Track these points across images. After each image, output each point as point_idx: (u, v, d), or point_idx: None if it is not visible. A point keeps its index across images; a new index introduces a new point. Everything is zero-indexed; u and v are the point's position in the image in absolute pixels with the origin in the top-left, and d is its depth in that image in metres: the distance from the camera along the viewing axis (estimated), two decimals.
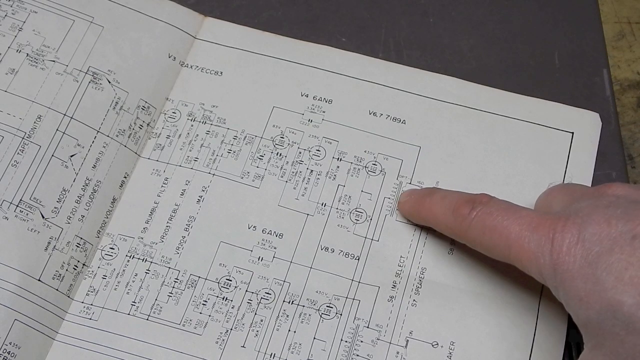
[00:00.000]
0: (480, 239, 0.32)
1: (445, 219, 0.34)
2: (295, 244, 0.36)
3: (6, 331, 0.33)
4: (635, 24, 0.45)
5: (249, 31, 0.41)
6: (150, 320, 0.35)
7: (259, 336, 0.35)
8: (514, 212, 0.31)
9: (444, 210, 0.34)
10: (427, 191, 0.36)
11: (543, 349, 0.34)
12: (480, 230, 0.32)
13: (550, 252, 0.29)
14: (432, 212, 0.35)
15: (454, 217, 0.33)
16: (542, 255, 0.29)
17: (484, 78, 0.40)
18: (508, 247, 0.30)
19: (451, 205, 0.33)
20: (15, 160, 0.36)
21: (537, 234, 0.29)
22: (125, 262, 0.36)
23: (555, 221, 0.29)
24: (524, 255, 0.30)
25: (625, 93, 0.43)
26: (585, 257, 0.28)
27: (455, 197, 0.34)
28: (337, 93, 0.40)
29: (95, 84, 0.38)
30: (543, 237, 0.29)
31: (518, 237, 0.30)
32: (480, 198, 0.32)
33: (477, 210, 0.32)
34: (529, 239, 0.30)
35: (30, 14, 0.39)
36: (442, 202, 0.34)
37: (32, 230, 0.35)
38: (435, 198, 0.35)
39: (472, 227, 0.32)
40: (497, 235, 0.31)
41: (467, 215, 0.32)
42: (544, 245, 0.29)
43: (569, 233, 0.28)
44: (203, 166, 0.38)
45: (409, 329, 0.35)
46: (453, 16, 0.43)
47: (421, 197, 0.36)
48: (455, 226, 0.33)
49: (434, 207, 0.35)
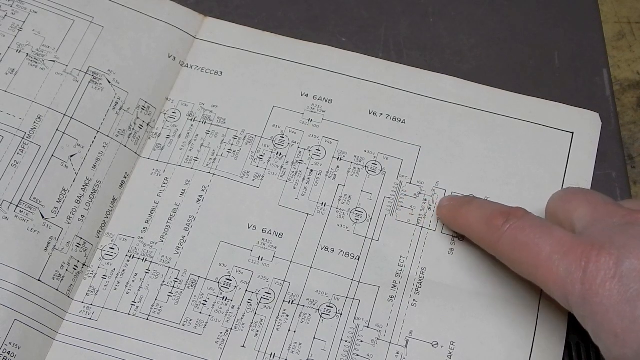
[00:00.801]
0: (510, 253, 0.32)
1: (479, 228, 0.33)
2: (295, 244, 0.36)
3: (6, 331, 0.33)
4: (635, 24, 0.45)
5: (249, 31, 0.41)
6: (150, 320, 0.35)
7: (259, 336, 0.35)
8: (547, 231, 0.30)
9: (479, 219, 0.33)
10: (465, 199, 0.36)
11: (543, 349, 0.34)
12: (511, 244, 0.31)
13: (581, 281, 0.28)
14: (467, 221, 0.35)
15: (487, 227, 0.33)
16: (571, 282, 0.29)
17: (484, 78, 0.40)
18: (536, 266, 0.30)
19: (486, 215, 0.33)
20: (15, 160, 0.36)
21: (568, 259, 0.29)
22: (125, 262, 0.36)
23: (588, 248, 0.29)
24: (551, 278, 0.29)
25: (625, 93, 0.43)
26: (623, 294, 0.27)
27: (491, 208, 0.33)
28: (337, 93, 0.40)
29: (95, 84, 0.38)
30: (574, 264, 0.29)
31: (548, 258, 0.30)
32: (516, 212, 0.32)
33: (510, 223, 0.32)
34: (558, 263, 0.29)
35: (30, 14, 0.39)
36: (477, 212, 0.34)
37: (32, 230, 0.35)
38: (472, 207, 0.35)
39: (503, 240, 0.32)
40: (527, 252, 0.31)
41: (500, 226, 0.32)
42: (574, 272, 0.28)
43: (605, 265, 0.28)
44: (203, 166, 0.38)
45: (409, 328, 0.35)
46: (453, 16, 0.43)
47: (459, 204, 0.36)
48: (487, 237, 0.33)
49: (469, 215, 0.34)
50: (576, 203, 0.32)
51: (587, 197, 0.32)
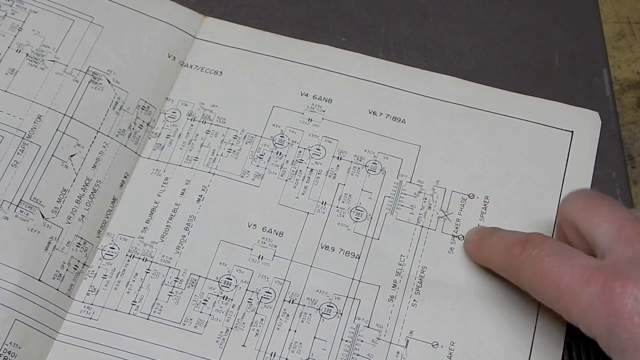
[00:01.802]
0: (530, 282, 0.31)
1: (499, 258, 0.33)
2: (295, 243, 0.36)
3: (7, 331, 0.33)
4: (635, 24, 0.45)
5: (248, 31, 0.41)
6: (151, 319, 0.35)
7: (259, 335, 0.35)
8: (567, 258, 0.30)
9: (499, 250, 0.33)
10: (488, 231, 0.36)
11: (543, 349, 0.34)
12: (531, 273, 0.31)
13: (606, 314, 0.27)
14: (488, 253, 0.34)
15: (506, 256, 0.32)
16: (595, 314, 0.28)
17: (484, 78, 0.40)
18: (557, 296, 0.29)
19: (505, 245, 0.33)
20: (15, 160, 0.36)
21: (590, 290, 0.28)
22: (126, 262, 0.36)
23: (610, 278, 0.28)
24: (574, 309, 0.29)
25: (625, 93, 0.43)
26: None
27: (511, 238, 0.33)
28: (337, 92, 0.40)
29: (95, 83, 0.38)
30: (597, 295, 0.28)
31: (568, 288, 0.29)
32: (534, 238, 0.32)
33: (528, 251, 0.31)
34: (580, 293, 0.28)
35: (30, 14, 0.39)
36: (498, 244, 0.34)
37: (32, 230, 0.35)
38: (494, 238, 0.34)
39: (523, 269, 0.31)
40: (547, 282, 0.30)
41: (518, 255, 0.31)
42: (597, 304, 0.28)
43: (632, 297, 0.27)
44: (203, 165, 0.38)
45: (409, 328, 0.35)
46: (453, 16, 0.43)
47: (482, 237, 0.36)
48: (507, 266, 0.33)
49: (491, 247, 0.34)
50: (600, 218, 0.31)
51: (613, 212, 0.31)
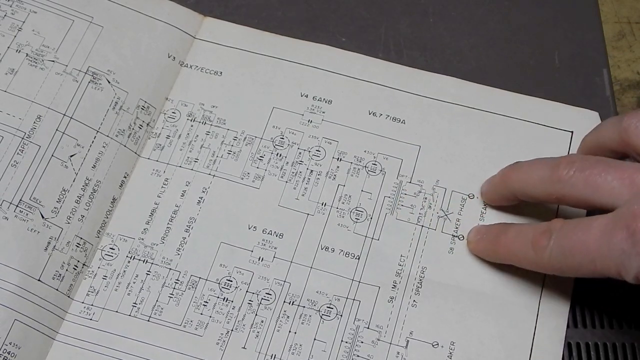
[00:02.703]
0: (563, 263, 0.31)
1: (526, 255, 0.33)
2: (295, 244, 0.36)
3: (6, 331, 0.33)
4: (635, 24, 0.45)
5: (248, 31, 0.41)
6: (152, 321, 0.35)
7: (259, 337, 0.35)
8: (587, 225, 0.30)
9: (523, 246, 0.33)
10: (499, 229, 0.36)
11: (543, 349, 0.34)
12: (561, 255, 0.31)
13: (637, 252, 0.28)
14: (510, 251, 0.34)
15: (535, 251, 0.32)
16: (627, 257, 0.28)
17: (484, 78, 0.40)
18: (592, 260, 0.30)
19: (528, 240, 0.33)
20: (15, 160, 0.36)
21: (616, 238, 0.29)
22: (126, 263, 0.36)
23: (631, 220, 0.28)
24: (610, 263, 0.29)
25: (625, 93, 0.43)
26: None
27: (531, 231, 0.33)
28: (337, 93, 0.40)
29: (95, 84, 0.38)
30: (622, 240, 0.28)
31: (597, 247, 0.29)
32: (554, 225, 0.32)
33: (554, 237, 0.31)
34: (609, 246, 0.29)
35: (29, 14, 0.39)
36: (518, 239, 0.34)
37: (32, 230, 0.35)
38: (511, 235, 0.34)
39: (553, 255, 0.31)
40: (578, 254, 0.30)
41: (546, 245, 0.32)
42: (626, 247, 0.28)
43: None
44: (203, 167, 0.38)
45: (409, 329, 0.35)
46: (453, 16, 0.43)
47: (495, 236, 0.35)
48: (538, 259, 0.32)
49: (511, 245, 0.34)
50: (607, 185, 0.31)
51: (616, 172, 0.31)
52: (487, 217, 0.37)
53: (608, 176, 0.31)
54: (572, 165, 0.32)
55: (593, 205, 0.32)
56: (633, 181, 0.30)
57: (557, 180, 0.32)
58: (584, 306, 0.36)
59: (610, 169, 0.31)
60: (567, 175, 0.32)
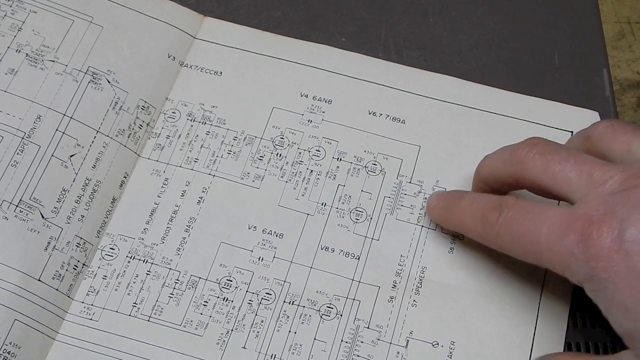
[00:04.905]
0: (510, 246, 0.31)
1: (475, 227, 0.33)
2: (295, 244, 0.37)
3: (6, 331, 0.33)
4: (635, 24, 0.45)
5: (248, 31, 0.41)
6: (152, 321, 0.35)
7: (259, 337, 0.35)
8: (542, 213, 0.30)
9: (473, 217, 0.33)
10: (455, 196, 0.35)
11: (543, 349, 0.34)
12: (509, 238, 0.31)
13: (585, 260, 0.28)
14: (461, 220, 0.34)
15: (483, 225, 0.32)
16: (576, 262, 0.28)
17: (484, 78, 0.40)
18: (539, 252, 0.30)
19: (479, 212, 0.33)
20: (15, 160, 0.36)
21: (568, 239, 0.28)
22: (126, 263, 0.36)
23: (586, 224, 0.28)
24: (557, 260, 0.29)
25: (625, 93, 0.43)
26: (632, 268, 0.27)
27: (483, 203, 0.33)
28: (337, 93, 0.40)
29: (95, 84, 0.38)
30: (575, 244, 0.28)
31: (548, 241, 0.29)
32: (507, 201, 0.31)
33: (504, 215, 0.31)
34: (559, 244, 0.29)
35: (29, 14, 0.39)
36: (470, 209, 0.33)
37: (32, 230, 0.35)
38: (464, 204, 0.34)
39: (500, 234, 0.31)
40: (526, 242, 0.30)
41: (495, 222, 0.31)
42: (577, 252, 0.28)
43: (607, 239, 0.27)
44: (203, 167, 0.38)
45: (409, 329, 0.35)
46: (453, 16, 0.43)
47: (450, 203, 0.35)
48: (485, 234, 0.32)
49: (462, 214, 0.34)
50: (566, 173, 0.31)
51: (576, 162, 0.31)
52: None
53: (567, 165, 0.30)
54: (533, 147, 0.32)
55: (550, 192, 0.32)
56: (591, 176, 0.30)
57: (517, 161, 0.32)
58: (584, 306, 0.36)
59: (571, 158, 0.31)
60: (527, 157, 0.32)
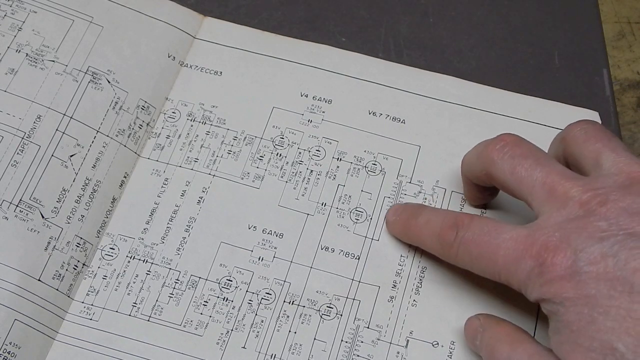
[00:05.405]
0: (470, 265, 0.32)
1: (432, 245, 0.34)
2: (295, 244, 0.36)
3: (6, 331, 0.33)
4: (635, 24, 0.45)
5: (248, 31, 0.41)
6: (152, 321, 0.35)
7: (259, 337, 0.35)
8: (496, 235, 0.30)
9: (430, 236, 0.34)
10: (412, 211, 0.36)
11: None
12: (468, 258, 0.32)
13: (540, 283, 0.28)
14: (419, 238, 0.35)
15: (440, 245, 0.33)
16: (531, 284, 0.29)
17: (484, 78, 0.40)
18: (497, 273, 0.30)
19: (435, 231, 0.33)
20: (15, 160, 0.36)
21: (525, 262, 0.29)
22: (126, 263, 0.36)
23: (542, 250, 0.28)
24: (514, 281, 0.30)
25: (625, 93, 0.43)
26: (580, 296, 0.27)
27: (439, 222, 0.33)
28: (337, 93, 0.40)
29: (95, 83, 0.38)
30: (530, 267, 0.29)
31: (505, 263, 0.30)
32: (462, 220, 0.32)
33: (460, 235, 0.32)
34: (516, 267, 0.29)
35: (29, 14, 0.39)
36: (427, 227, 0.34)
37: (32, 230, 0.35)
38: (421, 222, 0.34)
39: (459, 255, 0.32)
40: (484, 262, 0.31)
41: (452, 242, 0.32)
42: (532, 276, 0.29)
43: (561, 267, 0.28)
44: (203, 167, 0.38)
45: (409, 329, 0.35)
46: (453, 16, 0.43)
47: (407, 219, 0.36)
48: (443, 254, 0.33)
49: (420, 232, 0.34)
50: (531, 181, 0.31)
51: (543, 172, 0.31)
52: (487, 216, 0.37)
53: (533, 174, 0.31)
54: (505, 145, 0.32)
55: (514, 194, 0.32)
56: (553, 188, 0.30)
57: (488, 156, 0.32)
58: None
59: (538, 167, 0.31)
60: (497, 156, 0.32)
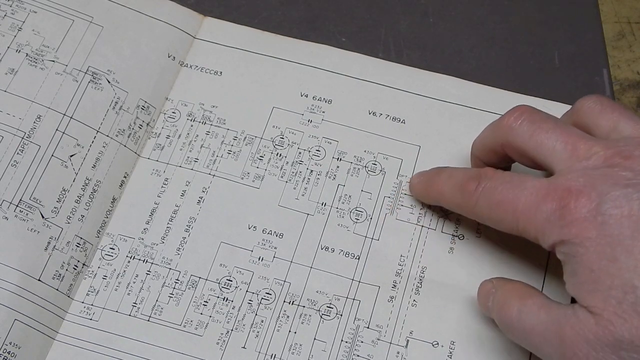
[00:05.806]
0: (488, 214, 0.32)
1: (453, 197, 0.34)
2: (295, 244, 0.37)
3: (6, 331, 0.33)
4: (635, 24, 0.45)
5: (248, 31, 0.41)
6: (151, 321, 0.35)
7: (259, 337, 0.35)
8: (520, 183, 0.31)
9: (451, 188, 0.34)
10: (435, 171, 0.36)
11: None
12: (487, 205, 0.32)
13: (560, 225, 0.28)
14: (440, 192, 0.35)
15: (461, 194, 0.33)
16: (550, 227, 0.29)
17: (484, 78, 0.40)
18: (516, 219, 0.30)
19: (458, 182, 0.33)
20: (15, 160, 0.36)
21: (546, 206, 0.29)
22: (126, 263, 0.36)
23: (565, 194, 0.29)
24: (532, 226, 0.30)
25: (625, 93, 0.43)
26: (602, 237, 0.27)
27: (461, 174, 0.34)
28: (337, 93, 0.40)
29: (95, 83, 0.38)
30: (552, 211, 0.29)
31: (525, 208, 0.30)
32: (486, 172, 0.32)
33: (482, 185, 0.32)
34: (536, 211, 0.29)
35: (29, 14, 0.39)
36: (449, 181, 0.34)
37: (32, 230, 0.35)
38: (443, 177, 0.35)
39: (479, 203, 0.32)
40: (503, 209, 0.31)
41: (473, 191, 0.32)
42: (552, 218, 0.29)
43: (584, 209, 0.28)
44: (203, 167, 0.38)
45: (409, 329, 0.35)
46: (453, 16, 0.43)
47: (430, 177, 0.36)
48: (463, 203, 0.33)
49: (442, 186, 0.35)
50: (552, 142, 0.31)
51: (563, 134, 0.31)
52: None
53: (553, 135, 0.31)
54: (522, 113, 0.32)
55: (533, 160, 0.32)
56: (575, 148, 0.30)
57: (505, 126, 0.33)
58: None
59: (558, 129, 0.31)
60: (514, 122, 0.32)
